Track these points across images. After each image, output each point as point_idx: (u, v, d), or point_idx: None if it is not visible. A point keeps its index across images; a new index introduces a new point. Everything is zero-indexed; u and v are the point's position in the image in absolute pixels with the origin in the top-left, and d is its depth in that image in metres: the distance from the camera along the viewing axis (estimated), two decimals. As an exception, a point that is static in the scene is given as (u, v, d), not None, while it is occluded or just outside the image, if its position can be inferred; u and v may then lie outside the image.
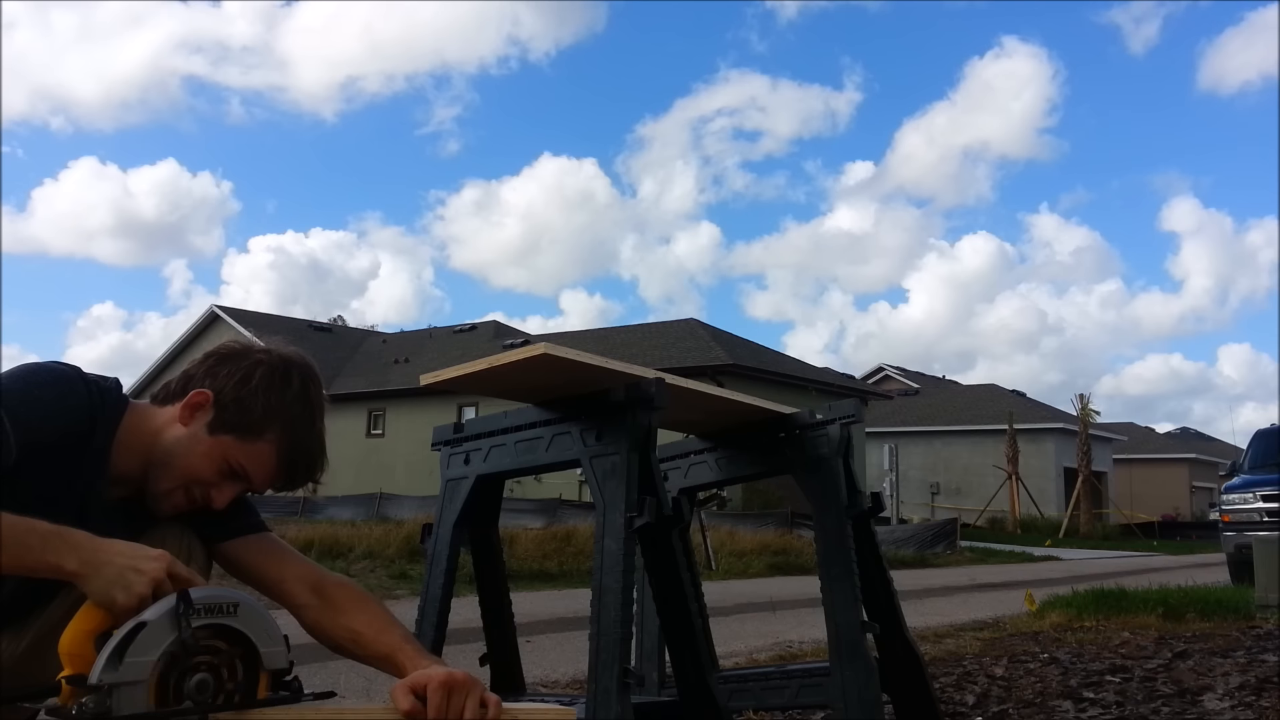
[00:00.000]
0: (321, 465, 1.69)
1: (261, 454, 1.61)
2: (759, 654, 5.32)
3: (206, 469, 1.59)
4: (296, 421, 1.63)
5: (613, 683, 1.83)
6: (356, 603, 1.66)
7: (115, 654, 1.24)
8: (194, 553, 1.66)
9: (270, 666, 1.37)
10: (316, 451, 1.68)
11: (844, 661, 2.38)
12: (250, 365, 1.62)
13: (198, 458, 1.59)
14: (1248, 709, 3.19)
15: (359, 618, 1.64)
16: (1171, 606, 6.41)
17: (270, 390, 1.61)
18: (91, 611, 1.31)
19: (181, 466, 1.59)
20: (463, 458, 2.30)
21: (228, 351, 1.67)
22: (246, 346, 1.68)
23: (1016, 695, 3.55)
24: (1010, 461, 31.74)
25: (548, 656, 5.10)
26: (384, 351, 32.99)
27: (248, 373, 1.61)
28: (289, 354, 1.68)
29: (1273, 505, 10.66)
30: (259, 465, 1.62)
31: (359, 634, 1.62)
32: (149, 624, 1.27)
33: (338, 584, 1.69)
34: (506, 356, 1.96)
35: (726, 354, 24.27)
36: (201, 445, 1.59)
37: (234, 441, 1.59)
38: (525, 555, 11.24)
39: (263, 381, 1.61)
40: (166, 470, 1.59)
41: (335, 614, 1.65)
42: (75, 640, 1.29)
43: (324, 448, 1.69)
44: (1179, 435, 56.10)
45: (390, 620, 1.64)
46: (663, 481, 2.02)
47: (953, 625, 6.55)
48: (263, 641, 1.36)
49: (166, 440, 1.59)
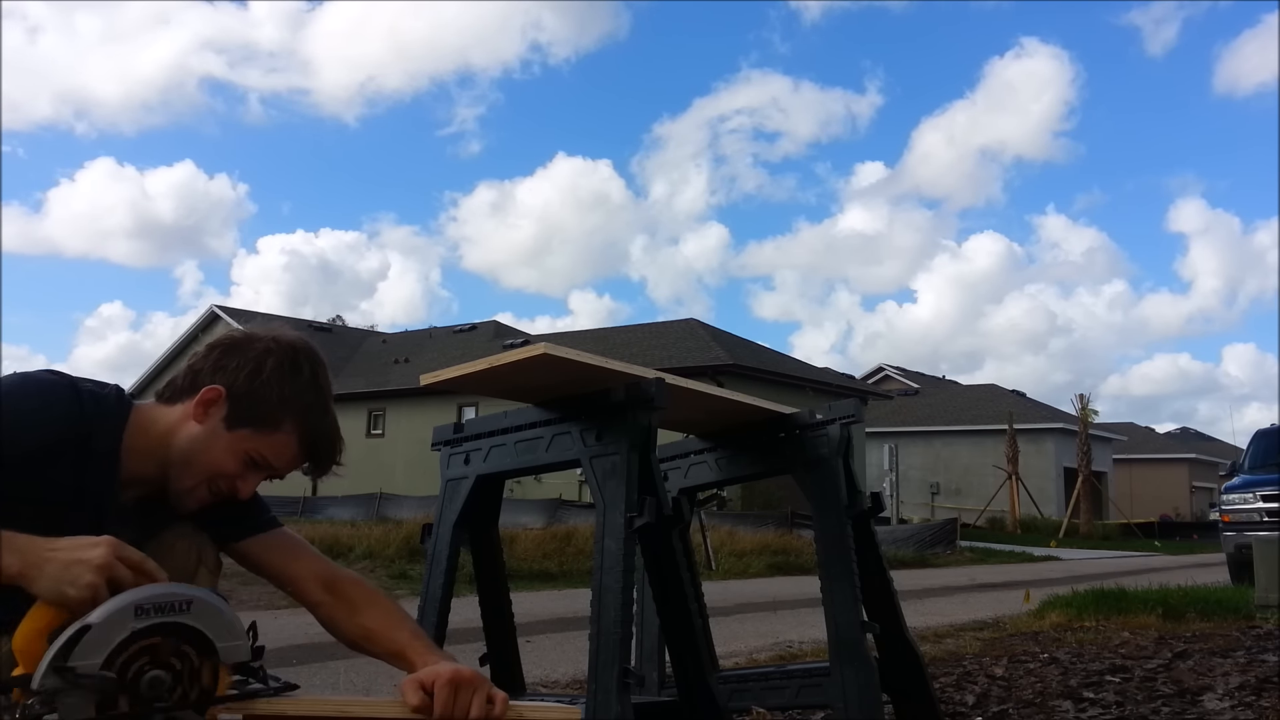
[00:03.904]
0: (340, 447, 1.69)
1: (281, 444, 1.61)
2: (759, 654, 5.32)
3: (229, 463, 1.59)
4: (312, 408, 1.63)
5: (613, 683, 1.83)
6: (368, 600, 1.68)
7: (59, 657, 1.22)
8: (204, 552, 1.67)
9: (229, 661, 1.34)
10: (334, 434, 1.68)
11: (844, 661, 2.38)
12: (259, 356, 1.61)
13: (219, 453, 1.59)
14: (1248, 709, 3.19)
15: (370, 615, 1.66)
16: (1171, 606, 6.41)
17: (282, 380, 1.60)
18: (43, 609, 1.29)
19: (203, 463, 1.59)
20: (463, 458, 2.30)
21: (232, 343, 1.65)
22: (250, 336, 1.66)
23: (1016, 695, 3.55)
24: (1010, 461, 31.72)
25: (548, 656, 5.10)
26: (384, 351, 33.00)
27: (258, 364, 1.60)
28: (295, 341, 1.67)
29: (1273, 505, 10.66)
30: (280, 454, 1.62)
31: (371, 631, 1.64)
32: (94, 626, 1.24)
33: (350, 581, 1.71)
34: (506, 356, 1.96)
35: (727, 354, 24.26)
36: (221, 441, 1.58)
37: (252, 434, 1.59)
38: (525, 555, 11.24)
39: (274, 372, 1.60)
40: (187, 468, 1.59)
41: (348, 611, 1.67)
42: (26, 638, 1.27)
43: (339, 430, 1.69)
44: (1179, 435, 56.11)
45: (401, 617, 1.66)
46: (663, 481, 2.02)
47: (953, 625, 6.55)
48: (220, 637, 1.33)
49: (182, 439, 1.59)
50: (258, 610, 7.39)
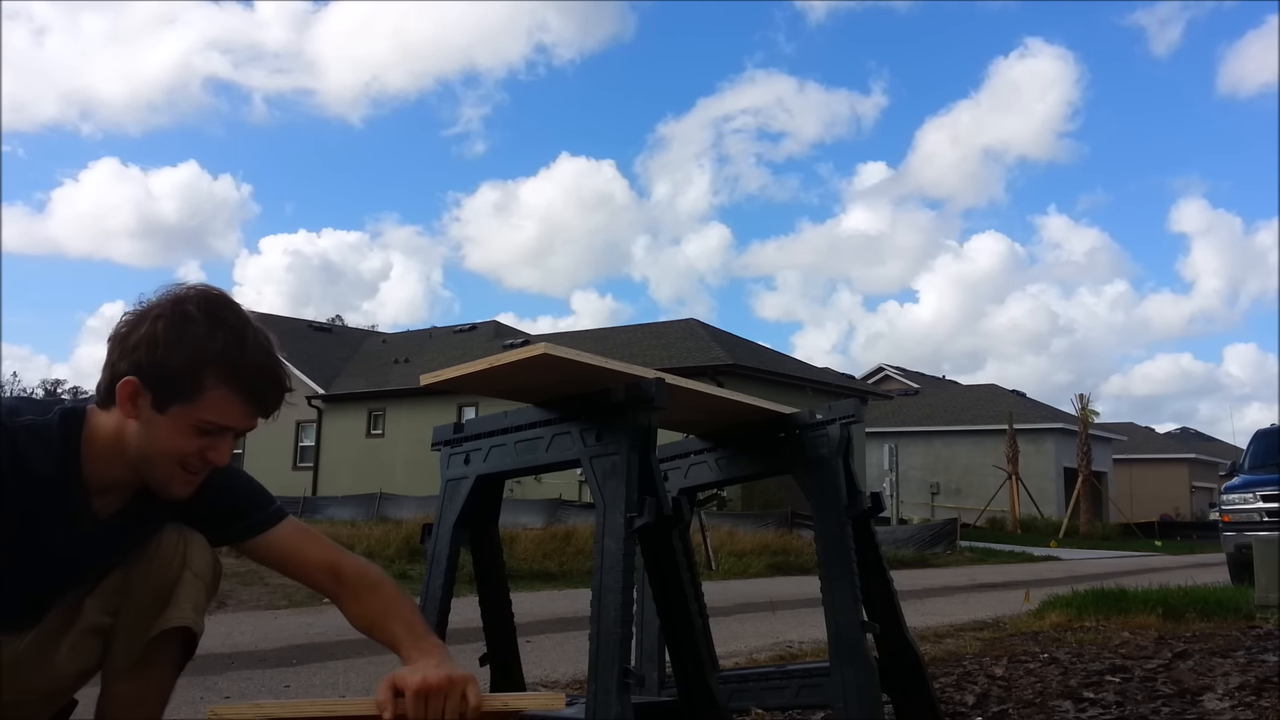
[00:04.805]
0: (281, 375, 1.59)
1: (218, 401, 1.52)
2: (759, 654, 5.31)
3: (183, 443, 1.54)
4: (226, 352, 1.51)
5: (613, 683, 1.83)
6: (369, 590, 1.69)
7: None
8: (191, 554, 1.66)
9: None
10: (266, 367, 1.56)
11: (844, 661, 2.38)
12: (150, 326, 1.51)
13: (168, 438, 1.53)
14: (1248, 709, 3.19)
15: (371, 604, 1.68)
16: (1171, 606, 6.41)
17: (180, 339, 1.50)
18: None
19: (160, 453, 1.54)
20: (463, 458, 2.30)
21: (126, 326, 1.55)
22: (141, 310, 1.56)
23: (1016, 695, 3.55)
24: (1010, 461, 31.72)
25: (548, 656, 5.10)
26: (384, 351, 32.97)
27: (150, 336, 1.51)
28: (179, 293, 1.55)
29: (1273, 505, 10.65)
30: (225, 412, 1.53)
31: (371, 621, 1.67)
32: None
33: (356, 572, 1.71)
34: (506, 356, 1.95)
35: (726, 354, 24.26)
36: (161, 427, 1.52)
37: (185, 407, 1.51)
38: (525, 555, 11.24)
39: (168, 335, 1.50)
40: (150, 463, 1.56)
41: (352, 602, 1.69)
42: None
43: (274, 358, 1.58)
44: (1179, 435, 56.10)
45: (396, 607, 1.67)
46: (663, 481, 2.02)
47: (953, 625, 6.55)
48: None
49: (130, 438, 1.54)
50: (258, 610, 7.39)
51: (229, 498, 1.71)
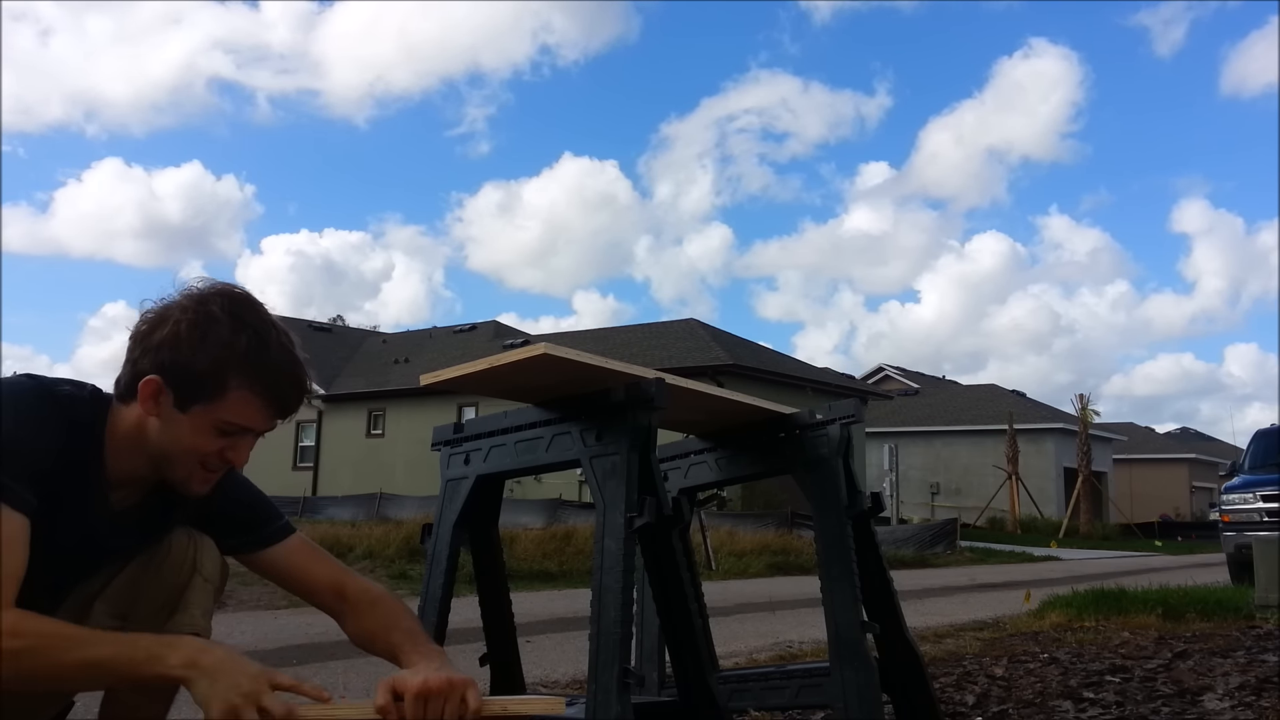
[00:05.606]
0: (302, 375, 1.58)
1: (240, 402, 1.51)
2: (759, 654, 5.31)
3: (204, 442, 1.53)
4: (248, 353, 1.50)
5: (613, 683, 1.83)
6: (371, 605, 1.70)
7: None
8: (201, 559, 1.67)
9: None
10: (288, 367, 1.55)
11: (844, 661, 2.38)
12: (174, 326, 1.50)
13: (189, 437, 1.53)
14: (1248, 709, 3.19)
15: (371, 618, 1.68)
16: (1171, 606, 6.41)
17: (204, 339, 1.49)
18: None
19: (181, 451, 1.54)
20: (463, 458, 2.30)
21: (148, 324, 1.54)
22: (163, 309, 1.54)
23: (1016, 695, 3.55)
24: (1010, 461, 31.73)
25: (548, 656, 5.10)
26: (384, 351, 32.98)
27: (174, 335, 1.49)
28: (203, 293, 1.54)
29: (1273, 505, 10.66)
30: (247, 414, 1.53)
31: (372, 634, 1.67)
32: None
33: (358, 589, 1.72)
34: (506, 356, 1.95)
35: (726, 354, 24.26)
36: (183, 426, 1.52)
37: (207, 407, 1.51)
38: (525, 555, 11.24)
39: (191, 335, 1.49)
40: (170, 462, 1.56)
41: (355, 618, 1.70)
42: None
43: (297, 360, 1.57)
44: (1179, 435, 56.10)
45: (397, 618, 1.68)
46: (663, 481, 2.02)
47: (953, 625, 6.55)
48: None
49: (151, 435, 1.54)
50: (258, 610, 7.38)
51: (239, 508, 1.72)
